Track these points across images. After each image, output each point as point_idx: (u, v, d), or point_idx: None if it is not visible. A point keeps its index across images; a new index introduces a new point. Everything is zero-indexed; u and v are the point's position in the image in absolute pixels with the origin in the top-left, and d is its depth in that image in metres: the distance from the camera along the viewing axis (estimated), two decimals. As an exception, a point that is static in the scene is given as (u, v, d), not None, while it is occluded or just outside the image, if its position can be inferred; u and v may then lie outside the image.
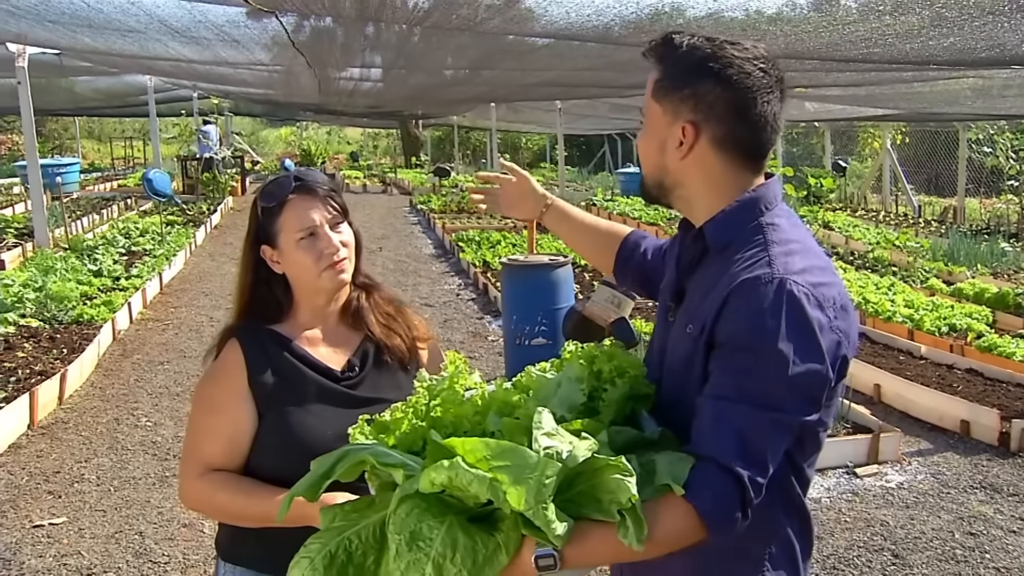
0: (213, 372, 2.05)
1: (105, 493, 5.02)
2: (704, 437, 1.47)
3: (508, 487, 1.32)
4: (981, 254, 12.13)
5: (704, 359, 1.54)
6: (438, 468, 1.35)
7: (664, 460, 1.44)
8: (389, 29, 9.77)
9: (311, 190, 2.02)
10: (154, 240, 12.91)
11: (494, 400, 1.55)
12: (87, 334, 7.71)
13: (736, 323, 1.48)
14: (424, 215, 17.66)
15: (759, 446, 1.45)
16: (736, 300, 1.49)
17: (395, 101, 20.33)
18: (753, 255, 1.55)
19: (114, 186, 23.61)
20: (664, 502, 1.41)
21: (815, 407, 1.51)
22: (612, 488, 1.36)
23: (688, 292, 1.67)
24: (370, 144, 40.75)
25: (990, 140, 17.61)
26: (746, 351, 1.47)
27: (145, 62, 13.33)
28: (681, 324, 1.63)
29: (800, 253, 1.56)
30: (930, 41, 5.12)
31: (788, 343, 1.44)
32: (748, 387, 1.45)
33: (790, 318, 1.45)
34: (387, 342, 2.11)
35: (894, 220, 17.33)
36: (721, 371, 1.50)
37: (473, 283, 11.02)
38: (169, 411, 6.34)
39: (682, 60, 1.60)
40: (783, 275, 1.49)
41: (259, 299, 2.09)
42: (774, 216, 1.62)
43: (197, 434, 2.03)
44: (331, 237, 2.00)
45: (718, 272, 1.58)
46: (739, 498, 1.44)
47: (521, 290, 6.96)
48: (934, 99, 11.57)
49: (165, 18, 8.26)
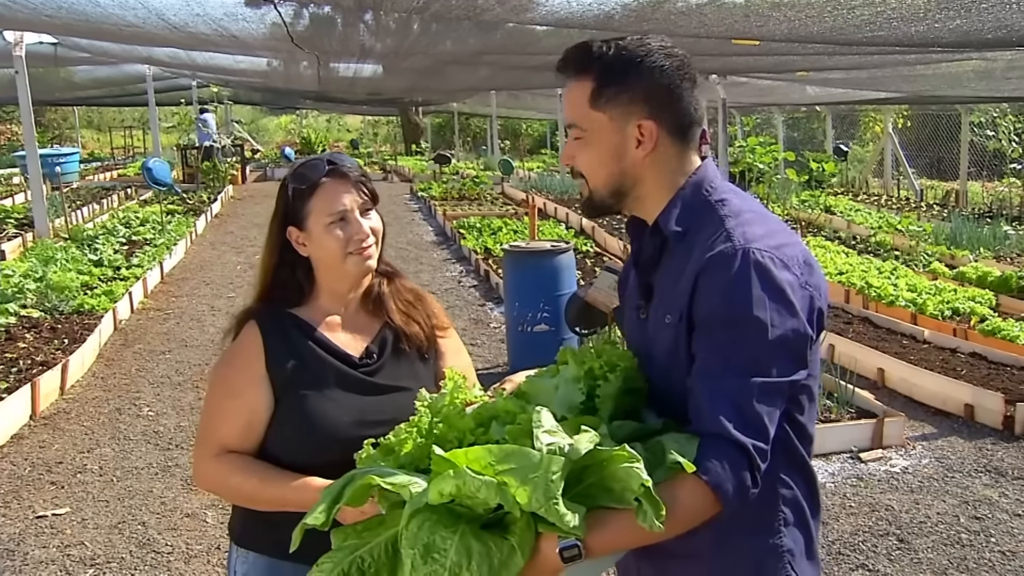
0: (231, 354, 2.04)
1: (108, 483, 5.01)
2: (702, 415, 1.50)
3: (516, 488, 1.34)
4: (984, 238, 12.08)
5: (687, 343, 1.57)
6: (445, 479, 1.36)
7: (671, 441, 1.47)
8: (388, 16, 9.72)
9: (344, 175, 2.01)
10: (154, 229, 12.89)
11: (495, 410, 1.55)
12: (88, 324, 7.70)
13: (710, 300, 1.53)
14: (425, 202, 17.62)
15: (755, 412, 1.48)
16: (705, 279, 1.54)
17: (395, 89, 20.25)
18: (711, 233, 1.59)
19: (114, 175, 23.61)
20: (677, 481, 1.44)
21: (801, 364, 1.55)
22: (622, 477, 1.37)
23: (656, 286, 1.70)
24: (370, 132, 40.61)
25: (992, 123, 17.52)
26: (724, 325, 1.51)
27: (144, 53, 13.27)
28: (657, 317, 1.66)
29: (756, 221, 1.61)
30: (936, 24, 5.07)
31: (763, 309, 1.49)
32: (733, 358, 1.50)
33: (761, 284, 1.51)
34: (406, 330, 2.11)
35: (896, 204, 17.27)
36: (705, 350, 1.54)
37: (475, 270, 11.00)
38: (171, 401, 6.33)
39: (615, 63, 1.63)
40: (745, 244, 1.54)
41: (281, 281, 2.08)
42: (721, 193, 1.67)
43: (213, 416, 2.02)
44: (361, 223, 1.99)
45: (682, 259, 1.62)
46: (747, 466, 1.47)
47: (523, 276, 6.95)
48: (937, 82, 11.50)
49: (163, 11, 8.20)
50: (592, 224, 13.74)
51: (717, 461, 1.45)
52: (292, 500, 1.88)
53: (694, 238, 1.62)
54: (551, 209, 15.73)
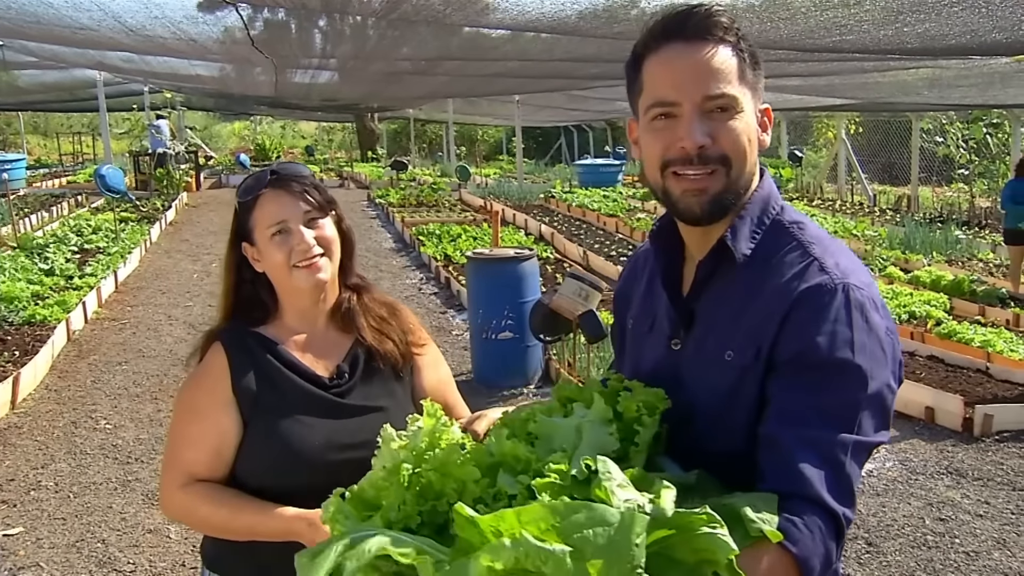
0: (196, 377, 1.96)
1: (64, 500, 4.86)
2: (784, 471, 1.26)
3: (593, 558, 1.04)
4: (936, 242, 12.33)
5: (759, 385, 1.35)
6: (497, 549, 1.05)
7: (746, 503, 1.21)
8: (344, 21, 9.63)
9: (285, 184, 1.92)
10: (108, 238, 12.63)
11: (502, 456, 1.28)
12: (40, 335, 7.51)
13: (804, 339, 1.31)
14: (383, 209, 17.50)
15: (847, 475, 1.26)
16: (801, 314, 1.32)
17: (352, 95, 20.11)
18: (795, 261, 1.38)
19: (63, 183, 23.16)
20: (757, 552, 1.17)
21: (887, 424, 1.33)
22: (702, 545, 1.11)
23: (702, 315, 1.45)
24: (325, 138, 40.36)
25: (941, 130, 17.92)
26: (822, 369, 1.29)
27: (96, 57, 13.01)
28: (709, 351, 1.41)
29: (842, 252, 1.41)
30: (905, 27, 5.13)
31: (864, 356, 1.29)
32: (830, 409, 1.27)
33: (861, 327, 1.30)
34: (379, 347, 2.00)
35: (850, 209, 17.53)
36: (791, 393, 1.30)
37: (435, 277, 10.94)
38: (129, 413, 6.18)
39: (745, 39, 1.39)
40: (843, 279, 1.33)
41: (244, 300, 2.00)
42: (792, 214, 1.46)
43: (179, 442, 1.94)
44: (303, 233, 1.89)
45: (750, 286, 1.39)
46: (834, 536, 1.24)
47: (487, 284, 6.92)
48: (891, 89, 11.69)
49: (119, 14, 8.03)
50: (551, 230, 13.77)
51: (807, 530, 1.21)
52: (263, 530, 1.82)
53: (767, 264, 1.39)
54: (509, 215, 15.71)
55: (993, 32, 5.20)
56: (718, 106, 1.34)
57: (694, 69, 1.34)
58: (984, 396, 6.15)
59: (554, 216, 16.81)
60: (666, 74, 1.37)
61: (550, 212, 17.45)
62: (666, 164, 1.38)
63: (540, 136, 37.61)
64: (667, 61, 1.37)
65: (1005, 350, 7.02)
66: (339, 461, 1.85)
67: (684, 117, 1.35)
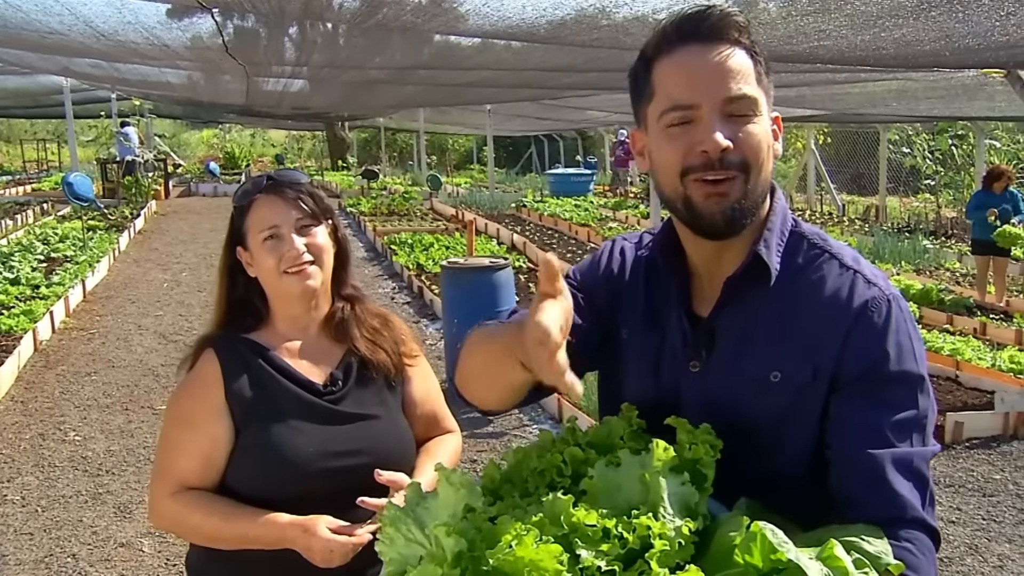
0: (188, 384, 1.94)
1: (32, 514, 4.77)
2: (881, 494, 1.21)
3: None
4: (905, 251, 12.50)
5: (821, 404, 1.28)
6: None
7: (853, 535, 1.13)
8: (315, 30, 9.58)
9: (279, 190, 1.93)
10: (75, 246, 12.46)
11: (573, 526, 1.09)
12: (6, 345, 7.38)
13: (873, 354, 1.26)
14: (354, 218, 17.43)
15: (932, 488, 1.24)
16: (863, 329, 1.27)
17: (323, 104, 20.03)
18: (837, 275, 1.33)
19: (27, 190, 22.83)
20: None
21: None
22: None
23: (727, 334, 1.36)
24: (295, 146, 40.13)
25: (908, 141, 18.18)
26: (895, 382, 1.25)
27: (63, 63, 12.84)
28: (749, 372, 1.32)
29: (866, 263, 1.37)
30: (883, 32, 5.16)
31: (924, 364, 1.28)
32: (906, 423, 1.24)
33: (917, 337, 1.29)
34: (372, 357, 2.00)
35: (819, 219, 17.74)
36: (867, 411, 1.25)
37: (407, 286, 10.90)
38: (99, 424, 6.08)
39: (757, 43, 1.32)
40: (889, 292, 1.31)
41: (237, 306, 1.99)
42: (807, 226, 1.42)
43: (170, 450, 1.92)
44: (294, 240, 1.89)
45: (791, 302, 1.33)
46: (935, 555, 1.21)
47: (462, 293, 6.90)
48: (860, 100, 11.85)
49: (91, 19, 7.93)
50: (524, 240, 13.77)
51: (921, 554, 1.18)
52: (255, 538, 1.80)
53: (804, 279, 1.34)
54: (481, 224, 15.71)
55: (967, 37, 5.26)
56: (738, 108, 1.27)
57: (713, 70, 1.27)
58: (954, 404, 6.21)
59: (526, 225, 16.85)
60: (682, 76, 1.29)
61: (522, 221, 17.48)
62: (686, 171, 1.28)
63: (511, 145, 37.68)
64: (683, 63, 1.29)
65: (973, 358, 7.11)
66: (332, 468, 1.85)
67: (704, 120, 1.26)
